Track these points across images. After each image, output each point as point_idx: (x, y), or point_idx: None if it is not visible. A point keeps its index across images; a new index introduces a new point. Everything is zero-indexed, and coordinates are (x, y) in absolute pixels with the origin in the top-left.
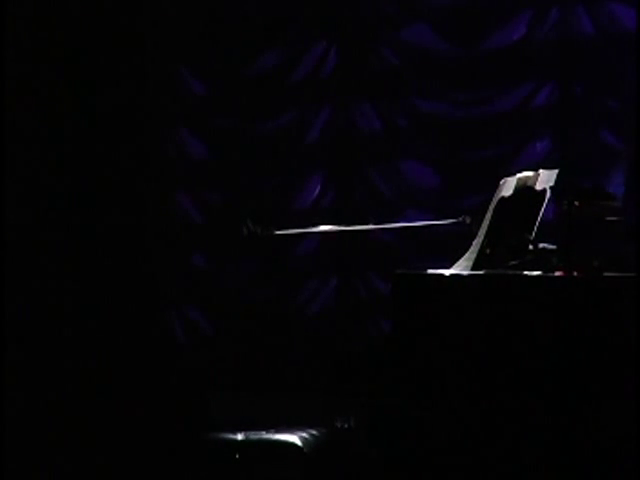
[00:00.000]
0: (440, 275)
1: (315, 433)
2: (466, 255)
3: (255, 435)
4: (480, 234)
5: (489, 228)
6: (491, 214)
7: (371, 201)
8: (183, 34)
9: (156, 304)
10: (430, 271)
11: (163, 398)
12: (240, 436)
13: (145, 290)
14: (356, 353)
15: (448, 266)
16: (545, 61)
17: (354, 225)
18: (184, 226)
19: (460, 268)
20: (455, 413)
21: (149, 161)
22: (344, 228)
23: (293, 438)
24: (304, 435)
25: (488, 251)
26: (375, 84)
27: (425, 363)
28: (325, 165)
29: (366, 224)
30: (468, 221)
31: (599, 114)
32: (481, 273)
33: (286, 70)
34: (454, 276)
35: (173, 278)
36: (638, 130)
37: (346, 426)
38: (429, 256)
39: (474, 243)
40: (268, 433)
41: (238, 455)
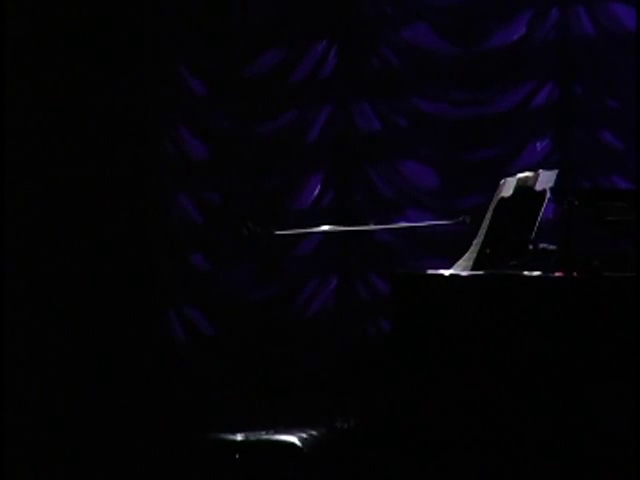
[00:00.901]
0: (440, 275)
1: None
2: (466, 255)
3: (255, 435)
4: (480, 234)
5: (489, 228)
6: (491, 214)
7: (371, 201)
8: (183, 34)
9: (156, 304)
10: (430, 271)
11: (162, 398)
12: (240, 436)
13: (145, 290)
14: (356, 353)
15: (448, 266)
16: (545, 61)
17: (354, 225)
18: (184, 226)
19: (460, 268)
20: (455, 413)
21: (149, 161)
22: (344, 228)
23: (293, 438)
24: (304, 435)
25: (488, 251)
26: (375, 84)
27: (425, 363)
28: (325, 165)
29: (366, 224)
30: (468, 221)
31: (599, 114)
32: (481, 273)
33: (286, 70)
34: (454, 276)
35: (173, 278)
36: (638, 130)
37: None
38: (429, 256)
39: (474, 243)
40: (268, 433)
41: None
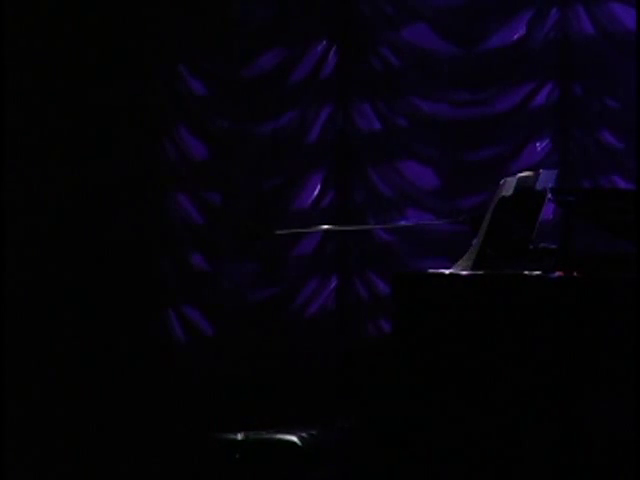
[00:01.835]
0: (440, 275)
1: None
2: (466, 255)
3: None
4: (480, 234)
5: (489, 228)
6: (491, 214)
7: (371, 201)
8: (183, 34)
9: (156, 304)
10: (430, 271)
11: (162, 398)
12: (240, 436)
13: (145, 290)
14: (356, 353)
15: (448, 266)
16: (545, 61)
17: (354, 225)
18: (184, 226)
19: (460, 268)
20: (456, 413)
21: (149, 161)
22: (344, 228)
23: (293, 437)
24: (304, 435)
25: (488, 251)
26: (375, 84)
27: (425, 363)
28: (325, 165)
29: (366, 224)
30: (468, 221)
31: (599, 114)
32: (481, 273)
33: (286, 70)
34: (454, 276)
35: (173, 278)
36: (638, 130)
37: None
38: (429, 256)
39: (474, 243)
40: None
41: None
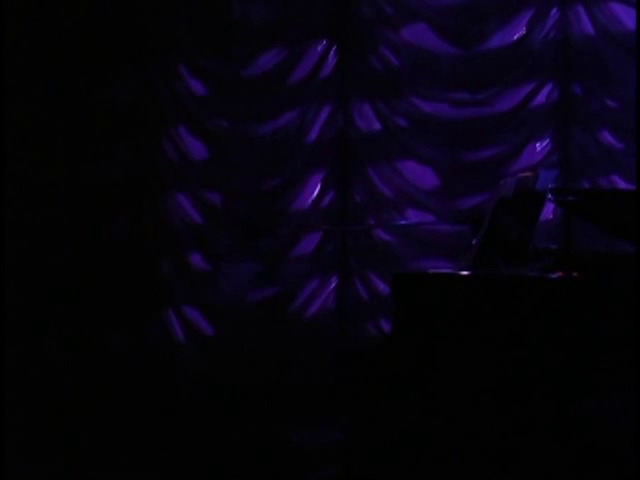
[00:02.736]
0: (440, 275)
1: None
2: (466, 255)
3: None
4: (480, 234)
5: (489, 228)
6: (491, 214)
7: (371, 201)
8: (183, 34)
9: (156, 304)
10: (430, 271)
11: (162, 398)
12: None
13: (145, 290)
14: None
15: (448, 266)
16: (545, 61)
17: (354, 225)
18: (184, 226)
19: (460, 268)
20: (455, 412)
21: (149, 161)
22: (344, 228)
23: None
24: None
25: (488, 251)
26: (375, 84)
27: (425, 362)
28: (325, 165)
29: (366, 224)
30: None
31: (599, 114)
32: (481, 273)
33: (286, 70)
34: (454, 276)
35: (173, 278)
36: (638, 130)
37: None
38: (429, 256)
39: (474, 243)
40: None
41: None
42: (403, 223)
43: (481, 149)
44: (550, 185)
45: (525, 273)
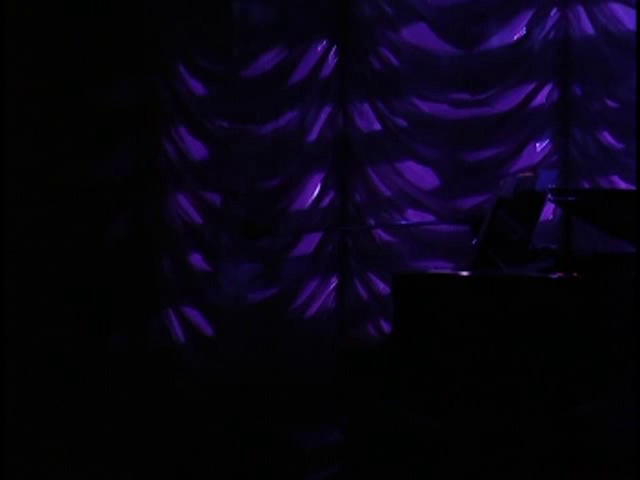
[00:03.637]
0: (440, 275)
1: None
2: (467, 255)
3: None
4: (480, 234)
5: (489, 229)
6: (491, 214)
7: (371, 201)
8: (183, 34)
9: (156, 304)
10: (430, 271)
11: (162, 398)
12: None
13: (145, 290)
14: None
15: (448, 266)
16: (545, 61)
17: (354, 225)
18: (184, 226)
19: (461, 268)
20: (455, 412)
21: (149, 161)
22: (344, 228)
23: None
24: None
25: (488, 251)
26: (375, 84)
27: (425, 362)
28: (325, 165)
29: (366, 224)
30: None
31: (599, 114)
32: (481, 273)
33: (286, 70)
34: (454, 276)
35: (173, 278)
36: (638, 130)
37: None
38: (429, 256)
39: (474, 243)
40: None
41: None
42: (403, 223)
43: (481, 149)
44: (550, 185)
45: (525, 273)
